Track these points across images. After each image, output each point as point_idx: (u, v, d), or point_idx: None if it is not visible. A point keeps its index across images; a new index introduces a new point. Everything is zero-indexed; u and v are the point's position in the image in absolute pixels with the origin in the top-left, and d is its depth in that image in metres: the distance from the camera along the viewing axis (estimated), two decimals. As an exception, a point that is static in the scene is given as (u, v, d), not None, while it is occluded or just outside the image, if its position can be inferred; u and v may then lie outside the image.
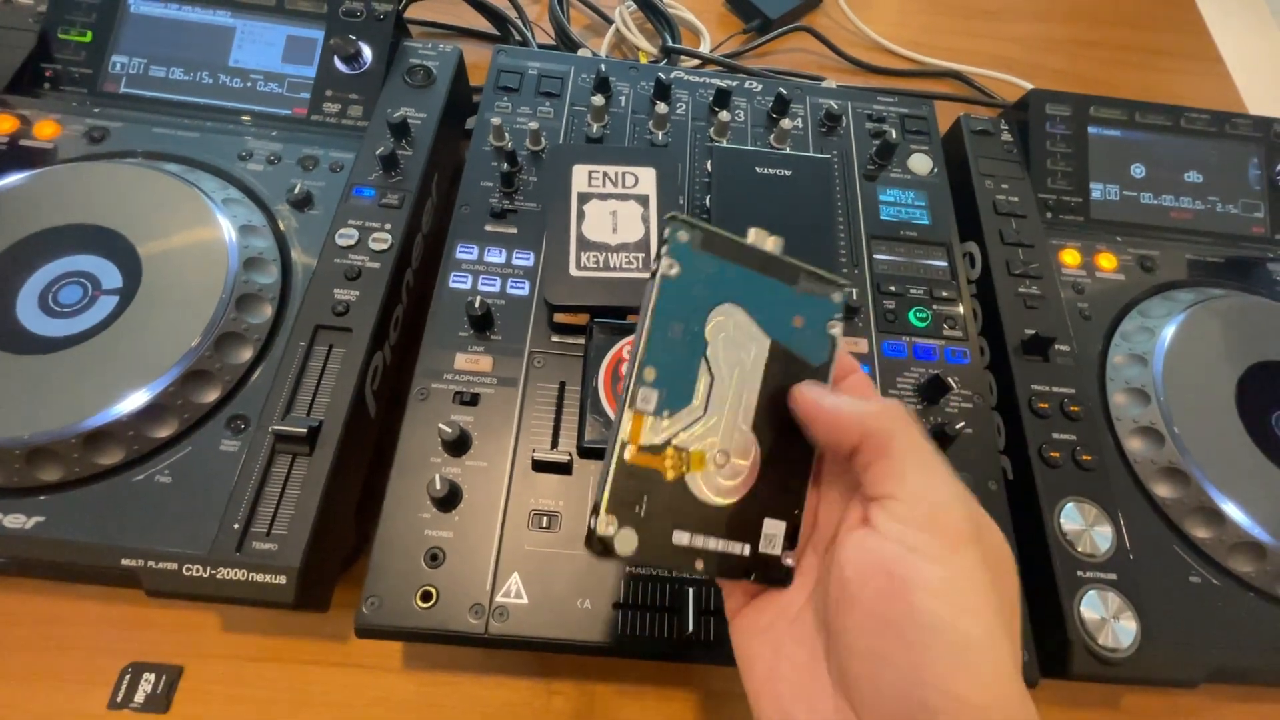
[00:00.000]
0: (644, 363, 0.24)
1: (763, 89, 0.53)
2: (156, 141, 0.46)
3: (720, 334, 0.25)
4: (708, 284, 0.25)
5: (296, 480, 0.36)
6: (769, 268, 0.26)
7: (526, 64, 0.52)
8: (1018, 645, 0.22)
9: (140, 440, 0.36)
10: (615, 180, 0.43)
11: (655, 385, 0.24)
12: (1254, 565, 0.39)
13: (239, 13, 0.50)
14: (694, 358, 0.25)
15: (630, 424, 0.24)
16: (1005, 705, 0.20)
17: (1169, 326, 0.45)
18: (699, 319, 0.25)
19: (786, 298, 0.27)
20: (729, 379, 0.26)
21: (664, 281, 0.25)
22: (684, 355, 0.25)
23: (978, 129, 0.54)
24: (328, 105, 0.49)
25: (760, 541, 0.25)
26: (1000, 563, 0.23)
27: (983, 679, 0.20)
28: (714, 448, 0.25)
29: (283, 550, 0.35)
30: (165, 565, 0.34)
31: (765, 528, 0.25)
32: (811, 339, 0.27)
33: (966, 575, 0.21)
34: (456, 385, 0.39)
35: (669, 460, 0.24)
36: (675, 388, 0.25)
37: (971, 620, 0.20)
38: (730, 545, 0.25)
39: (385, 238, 0.43)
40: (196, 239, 0.40)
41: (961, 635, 0.20)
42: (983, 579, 0.21)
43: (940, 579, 0.21)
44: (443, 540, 0.35)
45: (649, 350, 0.25)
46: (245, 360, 0.39)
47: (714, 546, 0.25)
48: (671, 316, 0.25)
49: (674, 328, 0.25)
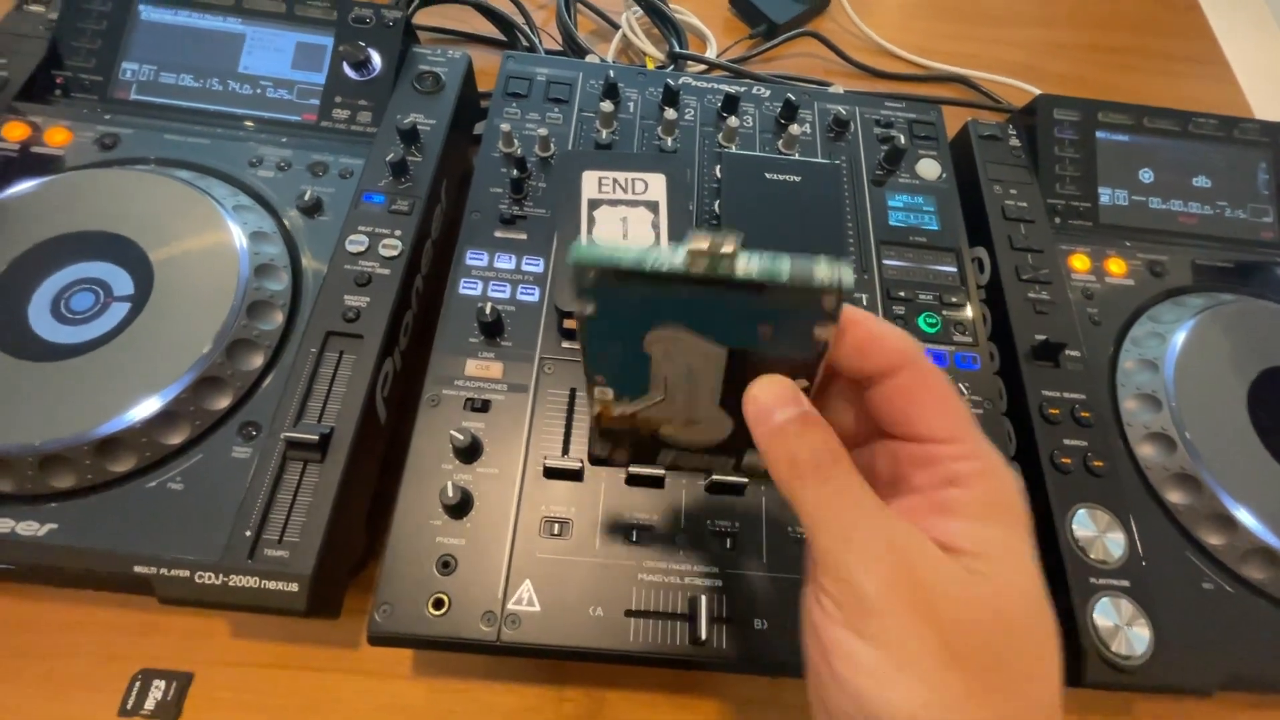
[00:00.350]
0: (590, 373, 0.25)
1: (771, 95, 0.54)
2: (167, 148, 0.46)
3: (661, 350, 0.23)
4: (636, 312, 0.22)
5: (308, 487, 0.36)
6: (712, 284, 0.21)
7: (535, 70, 0.52)
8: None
9: (152, 447, 0.36)
10: (625, 186, 0.43)
11: (609, 385, 0.25)
12: (1267, 572, 0.39)
13: (249, 19, 0.50)
14: (641, 365, 0.24)
15: (598, 406, 0.26)
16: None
17: (1179, 332, 0.45)
18: (634, 341, 0.23)
19: (744, 310, 0.22)
20: (683, 377, 0.24)
21: (583, 321, 0.23)
22: (629, 365, 0.24)
23: (986, 134, 0.54)
24: (337, 111, 0.49)
25: (744, 458, 0.27)
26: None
27: None
28: (682, 416, 0.26)
29: (294, 558, 0.34)
30: (177, 573, 0.34)
31: (747, 457, 0.27)
32: (790, 344, 0.23)
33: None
34: (467, 392, 0.39)
35: (641, 424, 0.27)
36: (629, 386, 0.25)
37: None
38: (714, 457, 0.27)
39: (395, 244, 0.43)
40: (208, 245, 0.40)
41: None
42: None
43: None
44: (454, 547, 0.35)
45: (592, 366, 0.24)
46: (257, 367, 0.39)
47: (696, 461, 0.28)
48: (602, 347, 0.24)
49: (609, 352, 0.24)
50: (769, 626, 0.35)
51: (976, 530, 0.21)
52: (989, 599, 0.20)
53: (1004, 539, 0.21)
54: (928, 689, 0.19)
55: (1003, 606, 0.20)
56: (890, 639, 0.20)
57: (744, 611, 0.36)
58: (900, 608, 0.20)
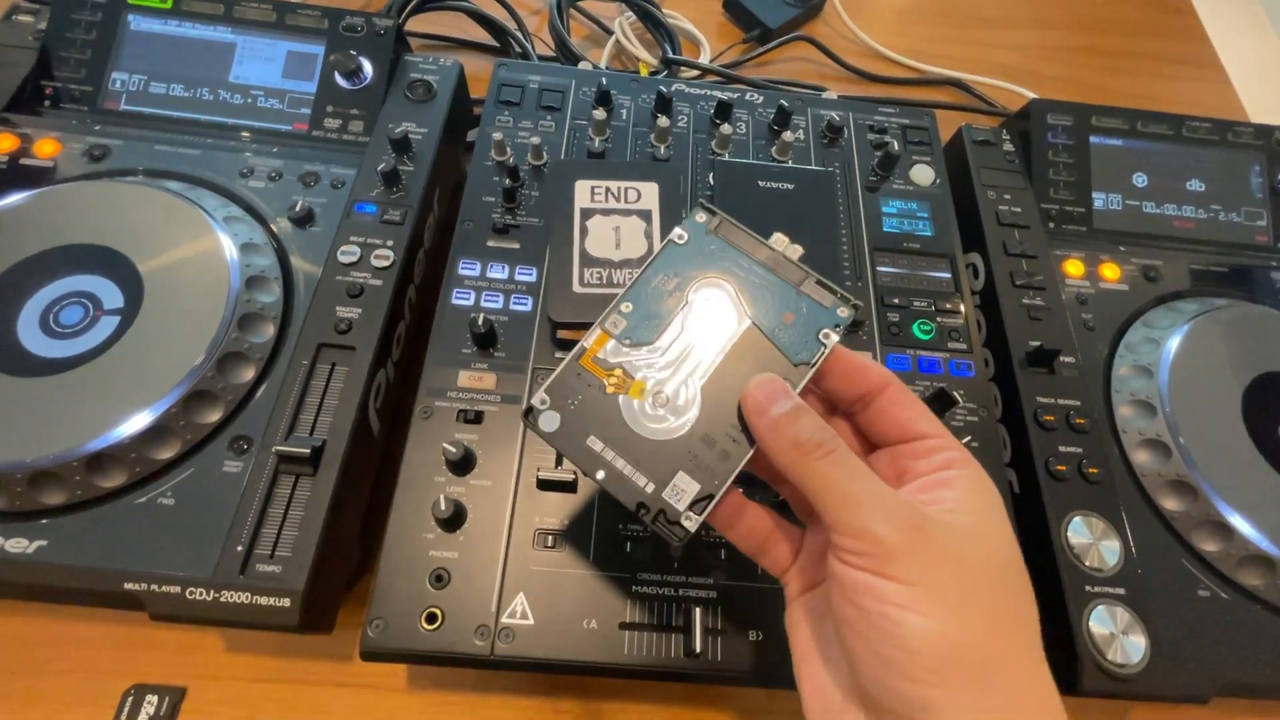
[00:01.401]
0: (625, 297, 0.29)
1: (764, 101, 0.53)
2: (158, 159, 0.45)
3: (701, 295, 0.29)
4: (709, 257, 0.29)
5: (300, 501, 0.36)
6: (776, 266, 0.29)
7: (527, 78, 0.52)
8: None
9: (143, 462, 0.36)
10: (618, 195, 0.43)
11: (628, 316, 0.29)
12: (1263, 579, 0.39)
13: (239, 29, 0.50)
14: (672, 309, 0.29)
15: (595, 338, 0.28)
16: None
17: (1174, 338, 0.45)
18: (689, 279, 0.29)
19: (782, 293, 0.29)
20: (696, 338, 0.28)
21: (669, 244, 0.30)
22: (663, 303, 0.29)
23: (979, 139, 0.54)
24: (329, 121, 0.49)
25: (668, 489, 0.27)
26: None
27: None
28: (658, 386, 0.28)
29: (287, 573, 0.34)
30: (169, 589, 0.34)
31: (677, 479, 0.27)
32: (798, 338, 0.28)
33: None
34: (460, 403, 0.39)
35: (613, 378, 0.28)
36: (645, 325, 0.29)
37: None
38: (636, 474, 0.27)
39: (387, 254, 0.43)
40: (198, 257, 0.40)
41: None
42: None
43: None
44: (447, 561, 0.35)
45: (634, 289, 0.29)
46: (248, 380, 0.39)
47: (620, 466, 0.27)
48: (665, 269, 0.29)
49: (663, 279, 0.29)
50: (764, 638, 0.35)
51: (970, 500, 0.24)
52: (988, 553, 0.24)
53: (989, 508, 0.25)
54: (948, 611, 0.22)
55: (997, 560, 0.24)
56: (913, 575, 0.22)
57: (739, 623, 0.35)
58: (920, 547, 0.23)
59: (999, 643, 0.22)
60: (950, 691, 0.21)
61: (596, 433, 0.27)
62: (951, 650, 0.21)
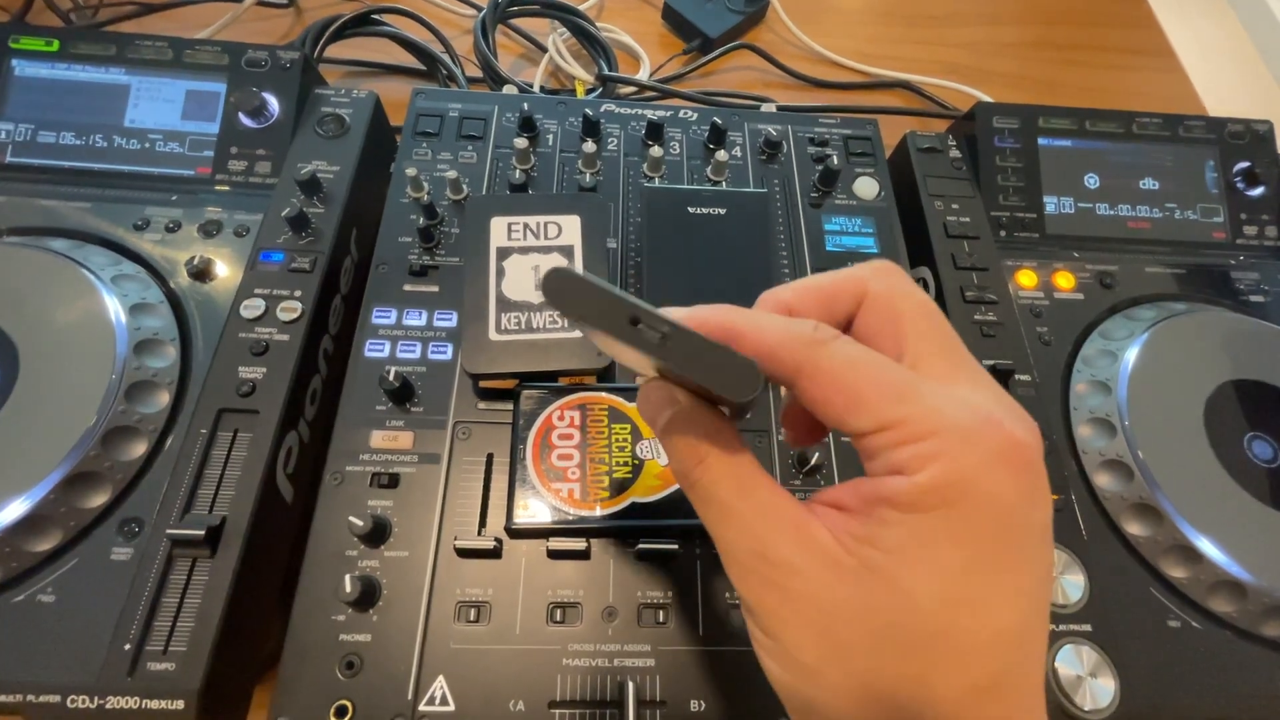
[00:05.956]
0: None
1: (698, 118, 0.51)
2: (42, 215, 0.42)
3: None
4: None
5: (197, 587, 0.33)
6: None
7: (447, 105, 0.49)
8: None
9: (19, 556, 0.33)
10: (537, 231, 0.40)
11: None
12: (1235, 605, 0.37)
13: (133, 69, 0.47)
14: None
15: None
16: None
17: (1131, 349, 0.43)
18: None
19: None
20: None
21: None
22: None
23: (925, 146, 0.52)
24: (233, 163, 0.46)
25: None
26: None
27: None
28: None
29: (181, 670, 0.31)
30: (47, 698, 0.30)
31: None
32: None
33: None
34: (374, 466, 0.36)
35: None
36: None
37: None
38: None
39: (295, 306, 0.40)
40: (80, 323, 0.37)
41: None
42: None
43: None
44: (359, 645, 0.32)
45: None
46: (138, 456, 0.35)
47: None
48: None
49: None
50: (706, 707, 0.33)
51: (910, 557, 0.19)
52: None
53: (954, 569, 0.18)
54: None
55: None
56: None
57: (680, 692, 0.33)
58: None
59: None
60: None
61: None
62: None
